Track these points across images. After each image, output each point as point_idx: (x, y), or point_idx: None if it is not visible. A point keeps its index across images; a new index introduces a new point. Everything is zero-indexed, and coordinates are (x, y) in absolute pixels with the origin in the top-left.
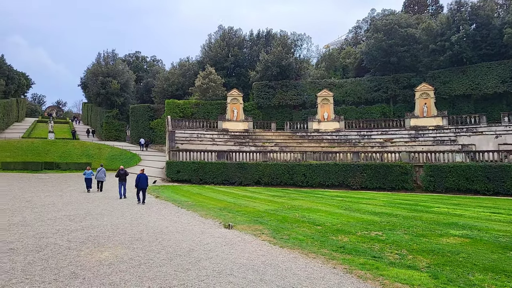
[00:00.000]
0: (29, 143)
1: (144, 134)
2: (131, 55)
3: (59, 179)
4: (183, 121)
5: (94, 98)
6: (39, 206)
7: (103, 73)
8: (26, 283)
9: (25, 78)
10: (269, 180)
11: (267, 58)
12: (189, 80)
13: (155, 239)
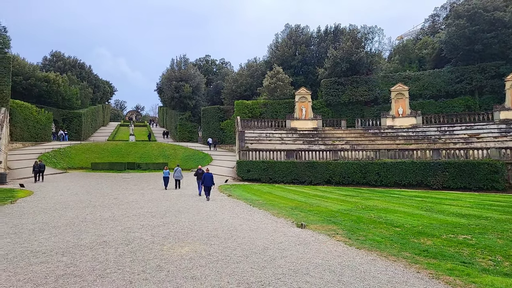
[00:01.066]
0: (113, 145)
1: (215, 135)
2: (201, 59)
3: (140, 178)
4: (252, 121)
5: (168, 102)
6: (125, 203)
7: (176, 78)
8: (119, 273)
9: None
10: (340, 179)
11: (335, 54)
12: (257, 81)
13: (230, 236)
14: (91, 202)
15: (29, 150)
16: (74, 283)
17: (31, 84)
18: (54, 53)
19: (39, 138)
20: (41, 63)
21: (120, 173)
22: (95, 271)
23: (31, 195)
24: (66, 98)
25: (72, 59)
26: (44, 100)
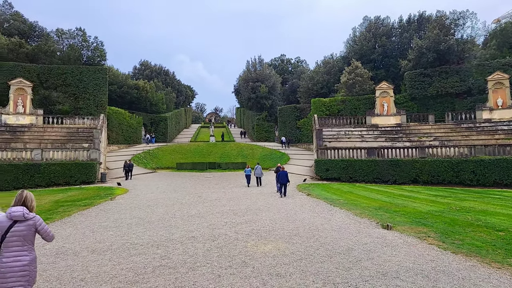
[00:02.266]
0: (195, 146)
1: (291, 134)
2: (276, 59)
3: (220, 177)
4: (329, 119)
5: (245, 102)
6: (208, 201)
7: (252, 79)
8: (208, 267)
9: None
10: (428, 178)
11: (420, 44)
12: (333, 77)
13: (312, 235)
14: (178, 200)
15: (123, 152)
16: (169, 274)
17: (123, 91)
18: (142, 62)
19: (131, 141)
20: (131, 72)
21: (202, 173)
22: (186, 264)
23: (126, 192)
24: (153, 103)
25: (158, 66)
26: (135, 105)
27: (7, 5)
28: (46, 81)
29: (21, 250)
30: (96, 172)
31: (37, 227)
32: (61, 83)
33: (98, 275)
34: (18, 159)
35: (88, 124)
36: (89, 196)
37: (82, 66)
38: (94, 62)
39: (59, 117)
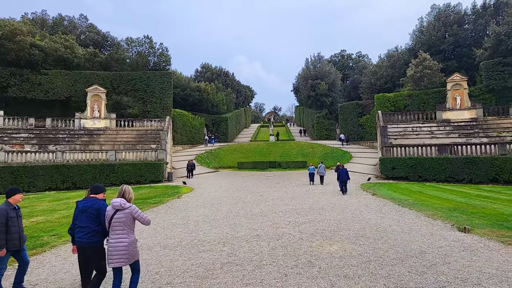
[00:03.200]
0: (255, 145)
1: (353, 132)
2: (336, 55)
3: (281, 176)
4: (395, 115)
5: (304, 101)
6: (270, 200)
7: (312, 76)
8: (274, 265)
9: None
10: (510, 177)
11: (498, 30)
12: (398, 71)
13: (380, 237)
14: (240, 199)
15: (187, 152)
16: (236, 271)
17: (186, 94)
18: (204, 65)
19: (195, 141)
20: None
21: (263, 172)
22: (252, 261)
23: (192, 191)
24: (214, 104)
25: (218, 68)
26: (197, 107)
27: (83, 19)
28: (117, 87)
29: (122, 233)
30: (163, 171)
31: (134, 215)
32: (131, 88)
33: (171, 269)
34: (95, 159)
35: (155, 126)
36: (158, 194)
37: (149, 72)
38: (160, 67)
39: (129, 120)
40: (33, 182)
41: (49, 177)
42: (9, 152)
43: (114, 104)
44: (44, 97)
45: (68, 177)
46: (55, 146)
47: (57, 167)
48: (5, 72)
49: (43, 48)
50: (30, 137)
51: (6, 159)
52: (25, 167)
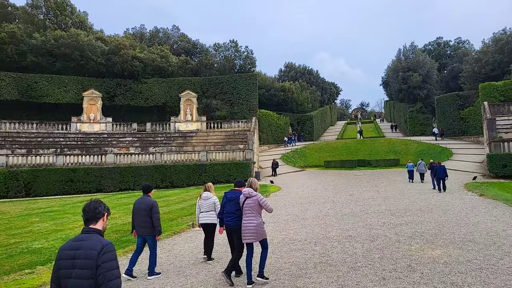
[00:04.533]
0: (342, 143)
1: (453, 126)
2: (431, 43)
3: (371, 175)
4: (504, 106)
5: (395, 94)
6: (361, 200)
7: (403, 68)
8: (370, 268)
9: (334, 87)
10: None
11: None
12: (508, 56)
13: (491, 242)
14: (329, 198)
15: (273, 151)
16: (330, 272)
17: (271, 94)
18: (287, 65)
19: (280, 141)
20: (277, 75)
21: (351, 170)
22: (346, 263)
23: (279, 190)
24: (299, 103)
25: (302, 67)
26: (281, 107)
27: (175, 29)
28: (207, 91)
29: (251, 216)
30: (251, 171)
31: (259, 201)
32: (219, 91)
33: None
34: (189, 160)
35: (242, 127)
36: None
37: (236, 75)
38: (246, 70)
39: (218, 122)
40: (137, 181)
41: (150, 177)
42: (117, 154)
43: (204, 107)
44: (144, 104)
45: (166, 176)
46: (154, 148)
47: (157, 167)
48: (112, 83)
49: (143, 59)
50: (133, 140)
51: (115, 160)
52: (130, 167)
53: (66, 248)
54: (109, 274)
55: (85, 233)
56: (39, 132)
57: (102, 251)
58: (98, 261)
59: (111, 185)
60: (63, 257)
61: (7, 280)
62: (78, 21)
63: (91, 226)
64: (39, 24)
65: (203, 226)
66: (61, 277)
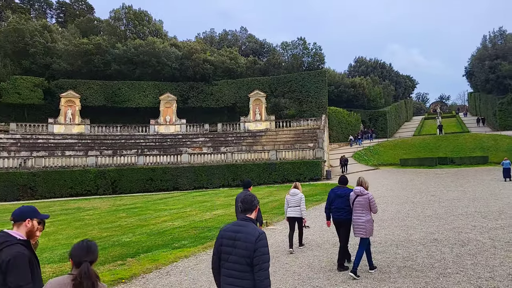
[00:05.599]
0: (420, 140)
1: None
2: None
3: (455, 174)
4: None
5: (481, 85)
6: (445, 201)
7: (490, 56)
8: (462, 275)
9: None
10: None
11: None
12: None
13: None
14: (408, 198)
15: (343, 149)
16: (416, 277)
17: (340, 91)
18: (357, 60)
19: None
20: (346, 71)
21: (431, 169)
22: (434, 268)
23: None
24: (371, 98)
25: (373, 61)
26: (351, 103)
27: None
28: (275, 90)
29: (360, 213)
30: (321, 169)
31: (369, 200)
32: (287, 90)
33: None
34: (258, 159)
35: (312, 125)
36: (318, 192)
37: (304, 72)
38: (314, 67)
39: (287, 121)
40: (210, 180)
41: (222, 175)
42: (191, 154)
43: (273, 106)
44: (215, 105)
45: (237, 175)
46: (225, 148)
47: (228, 167)
48: (186, 86)
49: (213, 62)
50: (206, 140)
51: (189, 160)
52: (204, 166)
53: (227, 230)
54: (264, 257)
55: (243, 220)
56: (122, 134)
57: (258, 238)
58: (255, 245)
59: (186, 184)
60: (225, 237)
61: (103, 270)
62: (154, 30)
63: (247, 215)
64: (120, 35)
65: (290, 220)
66: (222, 252)
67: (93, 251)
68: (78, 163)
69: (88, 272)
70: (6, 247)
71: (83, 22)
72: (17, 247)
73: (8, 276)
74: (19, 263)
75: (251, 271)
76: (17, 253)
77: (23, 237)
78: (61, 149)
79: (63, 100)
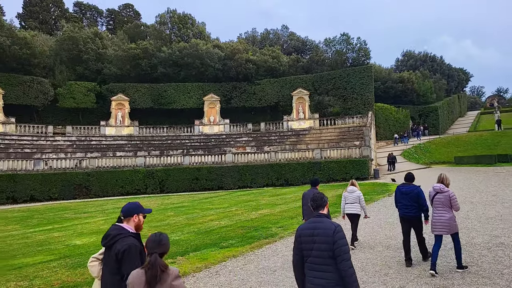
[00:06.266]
0: (476, 136)
1: None
2: None
3: None
4: None
5: None
6: (508, 201)
7: None
8: None
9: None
10: None
11: None
12: None
13: None
14: (466, 198)
15: (391, 148)
16: (483, 284)
17: (387, 86)
18: (405, 53)
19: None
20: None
21: (489, 167)
22: (503, 275)
23: None
24: (420, 94)
25: (423, 54)
26: (399, 99)
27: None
28: (319, 87)
29: (442, 210)
30: (368, 168)
31: (450, 197)
32: (331, 87)
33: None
34: (302, 158)
35: (357, 123)
36: (366, 192)
37: (349, 69)
38: (359, 63)
39: (331, 119)
40: (254, 179)
41: (266, 175)
42: (235, 154)
43: (316, 104)
44: (258, 104)
45: (281, 175)
46: (269, 147)
47: (272, 166)
48: (228, 86)
49: (255, 61)
50: (249, 140)
51: (233, 159)
52: (247, 166)
53: (305, 228)
54: (343, 248)
55: (317, 217)
56: (169, 135)
57: (335, 230)
58: (334, 238)
59: (231, 183)
60: (303, 235)
61: None
62: (198, 32)
63: (320, 212)
64: (166, 39)
65: (348, 216)
66: (303, 249)
67: (163, 244)
68: (128, 164)
69: (153, 263)
70: (120, 239)
71: (131, 28)
72: (130, 239)
73: (123, 265)
74: (132, 253)
75: (334, 263)
76: (131, 244)
77: (133, 230)
78: (112, 150)
79: (113, 103)
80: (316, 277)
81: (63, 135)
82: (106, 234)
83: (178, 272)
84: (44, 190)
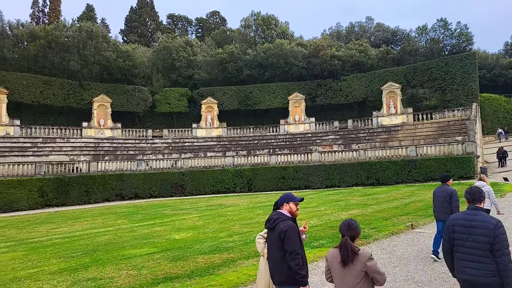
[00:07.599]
0: None
1: None
2: None
3: None
4: None
5: None
6: None
7: None
8: None
9: None
10: None
11: None
12: None
13: None
14: None
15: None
16: None
17: (495, 74)
18: None
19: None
20: (502, 50)
21: None
22: None
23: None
24: None
25: None
26: (511, 87)
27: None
28: (412, 80)
29: None
30: (473, 166)
31: None
32: (426, 79)
33: None
34: (395, 156)
35: (459, 116)
36: None
37: (447, 57)
38: (460, 49)
39: (427, 113)
40: (342, 178)
41: (354, 174)
42: (322, 153)
43: (409, 98)
44: (344, 101)
45: (371, 173)
46: (357, 145)
47: (361, 164)
48: (313, 84)
49: (340, 57)
50: (336, 138)
51: (320, 158)
52: (335, 165)
53: (459, 219)
54: (504, 243)
55: (473, 210)
56: (255, 135)
57: (497, 225)
58: (495, 232)
59: (318, 182)
60: (457, 225)
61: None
62: (281, 32)
63: (477, 205)
64: (250, 41)
65: None
66: (455, 239)
67: (353, 228)
68: (217, 163)
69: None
70: (281, 221)
71: (218, 34)
72: (289, 222)
73: (285, 243)
74: (292, 232)
75: (492, 256)
76: (290, 225)
77: (289, 215)
78: (203, 150)
79: (203, 106)
80: (471, 268)
81: (160, 137)
82: (269, 218)
83: (370, 255)
84: (146, 188)
